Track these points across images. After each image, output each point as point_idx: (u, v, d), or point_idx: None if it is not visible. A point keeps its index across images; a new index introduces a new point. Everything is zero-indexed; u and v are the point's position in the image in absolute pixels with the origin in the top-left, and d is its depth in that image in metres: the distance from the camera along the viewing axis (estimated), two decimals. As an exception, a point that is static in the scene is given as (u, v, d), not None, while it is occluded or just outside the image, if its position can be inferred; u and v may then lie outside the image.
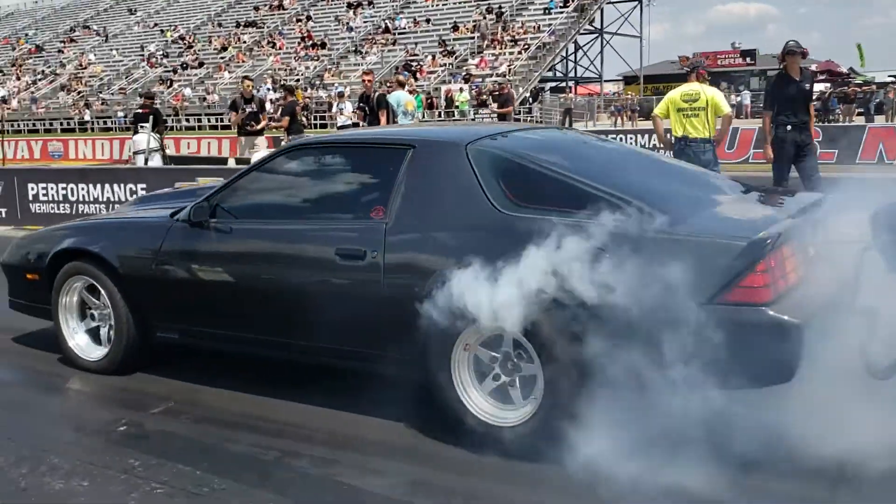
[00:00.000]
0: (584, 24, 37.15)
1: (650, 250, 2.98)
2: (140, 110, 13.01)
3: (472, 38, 36.07)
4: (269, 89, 36.78)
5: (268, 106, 34.22)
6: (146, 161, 12.08)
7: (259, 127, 12.60)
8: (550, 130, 5.08)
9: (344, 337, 3.65)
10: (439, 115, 30.05)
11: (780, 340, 2.87)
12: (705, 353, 2.84)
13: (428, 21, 39.20)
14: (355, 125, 12.96)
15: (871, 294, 3.14)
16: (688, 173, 4.27)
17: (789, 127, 7.32)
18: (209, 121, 36.13)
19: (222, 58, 42.60)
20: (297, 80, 37.41)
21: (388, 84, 18.57)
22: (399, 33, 39.14)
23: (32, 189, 10.68)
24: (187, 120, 36.94)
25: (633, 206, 3.14)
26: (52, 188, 10.52)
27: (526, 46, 33.94)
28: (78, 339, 4.62)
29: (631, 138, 18.93)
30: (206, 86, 39.92)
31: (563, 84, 42.42)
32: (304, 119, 22.43)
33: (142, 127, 12.14)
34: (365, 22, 41.36)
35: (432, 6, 40.92)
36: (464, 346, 3.33)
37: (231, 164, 11.58)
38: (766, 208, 3.73)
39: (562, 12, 35.83)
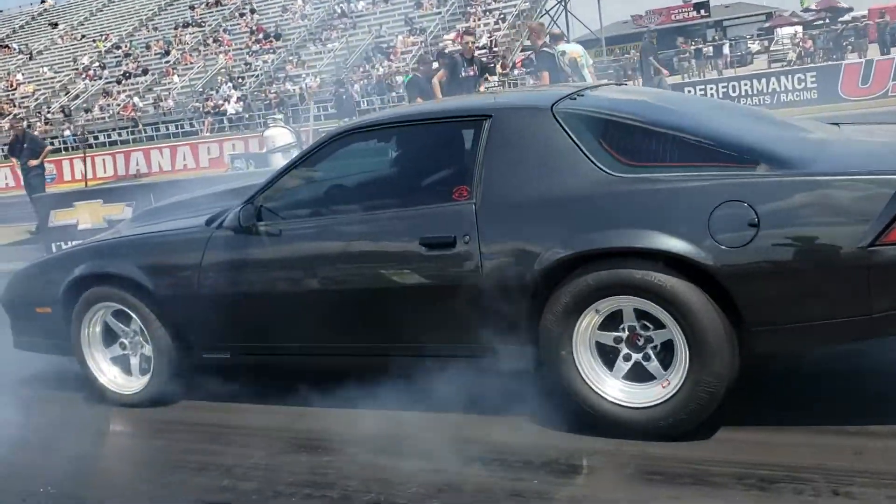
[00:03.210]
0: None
1: (793, 196, 2.85)
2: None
3: (440, 13, 34.46)
4: (230, 86, 34.58)
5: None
6: None
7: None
8: (614, 87, 4.66)
9: (440, 335, 3.40)
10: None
11: None
12: (875, 298, 2.77)
13: (387, 1, 37.36)
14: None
15: None
16: (767, 117, 4.06)
17: None
18: (168, 129, 33.71)
19: (167, 62, 39.93)
20: (258, 76, 35.27)
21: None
22: (358, 16, 37.23)
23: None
24: (144, 130, 34.41)
25: (753, 152, 3.00)
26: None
27: (502, 17, 32.52)
28: (110, 374, 4.22)
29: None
30: (155, 93, 37.33)
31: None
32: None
33: (273, 120, 10.67)
34: (316, 8, 39.26)
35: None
36: (586, 325, 3.12)
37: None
38: (879, 140, 3.52)
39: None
